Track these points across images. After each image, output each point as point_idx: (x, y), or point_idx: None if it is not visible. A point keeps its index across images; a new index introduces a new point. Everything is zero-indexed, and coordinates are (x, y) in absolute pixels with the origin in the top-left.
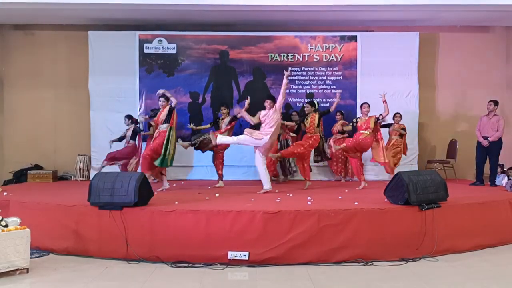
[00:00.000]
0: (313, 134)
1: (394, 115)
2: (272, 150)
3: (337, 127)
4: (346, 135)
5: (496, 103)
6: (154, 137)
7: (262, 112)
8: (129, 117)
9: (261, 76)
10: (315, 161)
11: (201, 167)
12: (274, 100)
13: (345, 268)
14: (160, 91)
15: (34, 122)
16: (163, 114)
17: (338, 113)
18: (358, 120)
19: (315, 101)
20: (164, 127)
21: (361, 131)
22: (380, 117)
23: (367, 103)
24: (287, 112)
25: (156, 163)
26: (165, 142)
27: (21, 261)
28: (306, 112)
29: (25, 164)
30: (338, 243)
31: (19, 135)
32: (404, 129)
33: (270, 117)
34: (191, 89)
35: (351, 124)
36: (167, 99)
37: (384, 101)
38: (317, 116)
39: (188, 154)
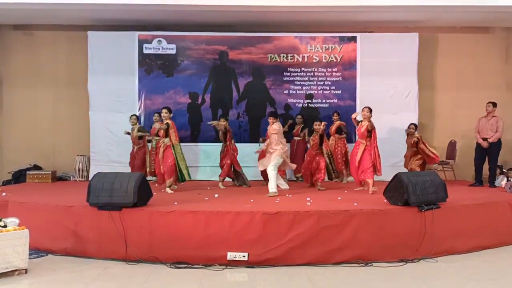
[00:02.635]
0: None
1: (408, 127)
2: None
3: (334, 128)
4: (344, 136)
5: (494, 104)
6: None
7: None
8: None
9: (260, 77)
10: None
11: (203, 168)
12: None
13: (345, 269)
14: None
15: (33, 122)
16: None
17: (335, 114)
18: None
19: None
20: (166, 141)
21: (361, 140)
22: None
23: (368, 107)
24: (287, 113)
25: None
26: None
27: (19, 262)
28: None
29: (24, 165)
30: (338, 244)
31: (18, 135)
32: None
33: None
34: (190, 89)
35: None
36: (169, 110)
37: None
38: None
39: (188, 154)
